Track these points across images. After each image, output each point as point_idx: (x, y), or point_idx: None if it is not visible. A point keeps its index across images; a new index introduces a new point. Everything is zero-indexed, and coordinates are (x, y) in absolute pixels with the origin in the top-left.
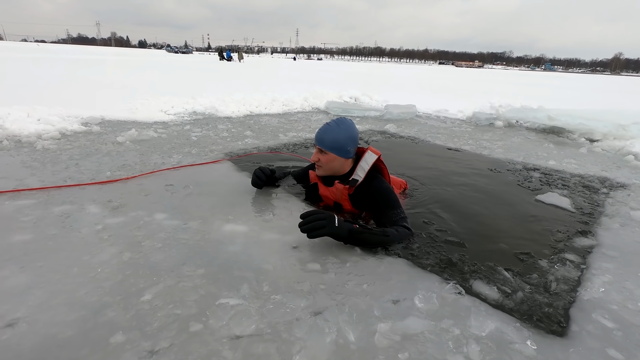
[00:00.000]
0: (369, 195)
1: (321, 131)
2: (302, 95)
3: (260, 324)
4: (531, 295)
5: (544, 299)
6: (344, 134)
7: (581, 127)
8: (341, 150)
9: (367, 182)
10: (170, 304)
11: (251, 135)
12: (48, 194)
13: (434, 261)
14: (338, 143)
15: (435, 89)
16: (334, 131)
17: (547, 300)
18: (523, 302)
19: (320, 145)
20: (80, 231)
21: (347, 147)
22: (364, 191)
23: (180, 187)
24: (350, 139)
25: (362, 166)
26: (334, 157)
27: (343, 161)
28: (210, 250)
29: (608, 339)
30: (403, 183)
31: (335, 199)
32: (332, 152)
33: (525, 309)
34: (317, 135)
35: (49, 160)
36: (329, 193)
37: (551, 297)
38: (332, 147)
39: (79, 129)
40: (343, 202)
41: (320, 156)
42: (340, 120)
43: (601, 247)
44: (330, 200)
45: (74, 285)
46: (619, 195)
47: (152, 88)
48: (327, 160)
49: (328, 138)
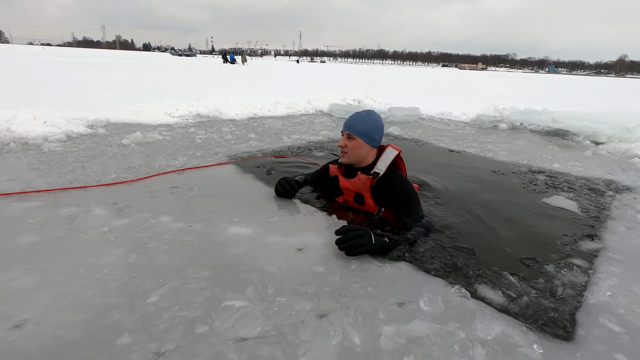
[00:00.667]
0: (390, 191)
1: (351, 118)
2: (305, 97)
3: (265, 326)
4: (537, 299)
5: (549, 303)
6: (373, 123)
7: (586, 130)
8: (369, 137)
9: (388, 176)
10: (176, 305)
11: (255, 138)
12: (54, 196)
13: (439, 264)
14: (367, 130)
15: (438, 92)
16: (363, 119)
17: (553, 304)
18: (529, 306)
19: (349, 130)
20: (86, 233)
21: (374, 135)
22: (384, 185)
23: (185, 189)
24: (378, 128)
25: (384, 160)
26: (361, 144)
27: (369, 150)
28: (215, 253)
29: (615, 343)
30: (416, 187)
31: (356, 190)
32: (361, 138)
33: (531, 313)
34: (347, 121)
35: (55, 163)
36: (350, 184)
37: (557, 301)
38: (361, 133)
39: (84, 131)
40: (364, 193)
41: (347, 142)
42: (370, 111)
43: (607, 251)
44: (350, 192)
45: (81, 287)
46: (625, 198)
47: (156, 91)
48: (354, 146)
49: (358, 124)
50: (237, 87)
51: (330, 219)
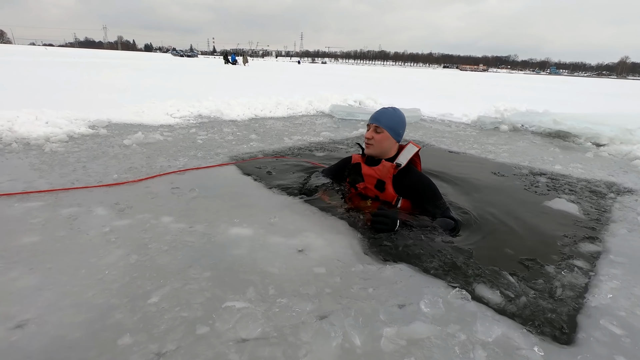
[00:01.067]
0: (412, 184)
1: (379, 112)
2: (306, 98)
3: (266, 328)
4: (538, 302)
5: (550, 305)
6: (398, 118)
7: (587, 132)
8: (395, 131)
9: (408, 170)
10: (177, 306)
11: (256, 139)
12: (56, 196)
13: (440, 266)
14: (394, 124)
15: (439, 93)
16: (390, 113)
17: (554, 306)
18: (529, 308)
19: (377, 123)
20: (87, 233)
21: (399, 130)
22: (404, 178)
23: (186, 190)
24: (403, 124)
25: (405, 154)
26: (387, 136)
27: (393, 143)
28: (216, 253)
29: (616, 346)
30: None
31: (379, 176)
32: (387, 131)
33: (532, 315)
34: (375, 115)
35: (57, 163)
36: (373, 172)
37: (558, 304)
38: (388, 125)
39: (86, 131)
40: (387, 179)
41: (374, 134)
42: (395, 108)
43: (608, 253)
44: (372, 179)
45: (82, 287)
46: (626, 200)
47: (158, 91)
48: (380, 139)
49: (385, 117)
50: (239, 87)
51: (331, 220)
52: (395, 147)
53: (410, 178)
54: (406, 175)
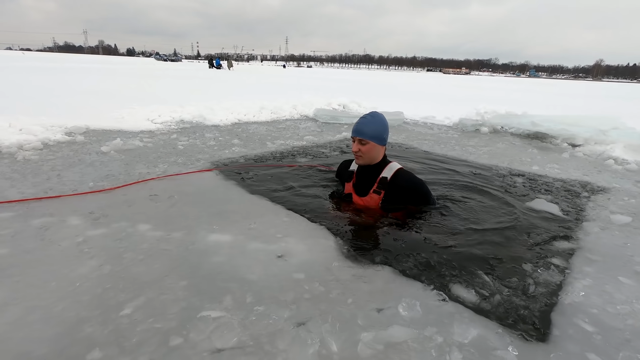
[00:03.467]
0: (403, 188)
1: (360, 123)
2: (290, 102)
3: (242, 337)
4: (513, 301)
5: (525, 304)
6: (380, 124)
7: (564, 133)
8: (379, 138)
9: (396, 178)
10: (151, 317)
11: (239, 144)
12: (28, 206)
13: (419, 268)
14: (376, 132)
15: (422, 96)
16: (371, 122)
17: (528, 305)
18: (504, 308)
19: (361, 136)
20: (59, 244)
21: (383, 135)
22: (395, 186)
23: (165, 197)
24: (385, 127)
25: (391, 167)
26: (373, 146)
27: (379, 148)
28: (194, 261)
29: (588, 343)
30: None
31: (367, 205)
32: (372, 141)
33: (507, 315)
34: (356, 127)
35: (30, 172)
36: (362, 202)
37: (532, 302)
38: (372, 136)
39: (62, 138)
40: (373, 206)
41: (360, 147)
42: (374, 113)
43: (582, 251)
44: (361, 206)
45: (52, 300)
46: (600, 199)
47: (139, 97)
48: (367, 150)
49: (367, 128)
50: (222, 92)
51: (311, 225)
52: (382, 151)
53: (399, 183)
54: (396, 185)
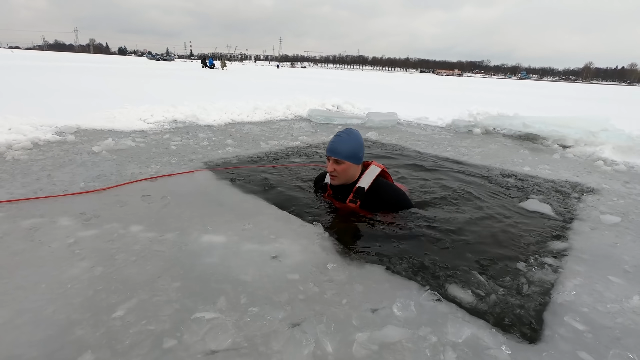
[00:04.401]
0: (382, 200)
1: (334, 143)
2: (284, 103)
3: (236, 338)
4: (505, 300)
5: (517, 303)
6: (355, 142)
7: (554, 134)
8: (355, 157)
9: (375, 189)
10: (143, 319)
11: (232, 144)
12: (17, 207)
13: (413, 268)
14: (351, 151)
15: (416, 97)
16: (346, 141)
17: (521, 304)
18: (497, 307)
19: (336, 156)
20: (50, 245)
21: (359, 154)
22: (374, 197)
23: (157, 197)
24: (360, 146)
25: (369, 175)
26: (349, 165)
27: (356, 167)
28: (187, 263)
29: (579, 342)
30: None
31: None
32: (348, 161)
33: (500, 314)
34: (331, 147)
35: (19, 172)
36: (341, 206)
37: (525, 301)
38: (346, 155)
39: (52, 138)
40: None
41: (336, 166)
42: (349, 131)
43: (573, 251)
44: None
45: (42, 303)
46: (589, 199)
47: (131, 96)
48: (342, 170)
49: (342, 148)
50: (216, 92)
51: (305, 226)
52: (358, 169)
53: (379, 197)
54: (375, 195)
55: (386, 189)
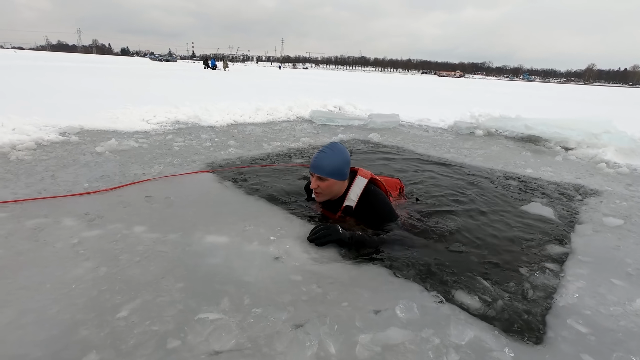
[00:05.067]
0: (369, 210)
1: (317, 159)
2: (286, 104)
3: (240, 339)
4: (508, 303)
5: (520, 306)
6: (339, 158)
7: (556, 136)
8: (339, 174)
9: (363, 201)
10: (147, 320)
11: (235, 145)
12: (21, 207)
13: (416, 270)
14: (335, 168)
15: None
16: (329, 157)
17: (524, 307)
18: (501, 310)
19: (319, 173)
20: (54, 245)
21: (343, 170)
22: (363, 210)
23: (160, 198)
24: (345, 162)
25: (355, 191)
26: (333, 182)
27: (341, 184)
28: (190, 263)
29: (582, 344)
30: (397, 183)
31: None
32: (332, 178)
33: (503, 317)
34: (314, 163)
35: (23, 172)
36: (332, 216)
37: (528, 304)
38: (330, 172)
39: (56, 139)
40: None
41: (319, 183)
42: (333, 145)
43: (575, 254)
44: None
45: (46, 303)
46: (592, 202)
47: (134, 97)
48: (326, 186)
49: (326, 165)
50: (218, 93)
51: (308, 227)
52: (344, 185)
53: (366, 211)
54: (362, 209)
55: (373, 203)
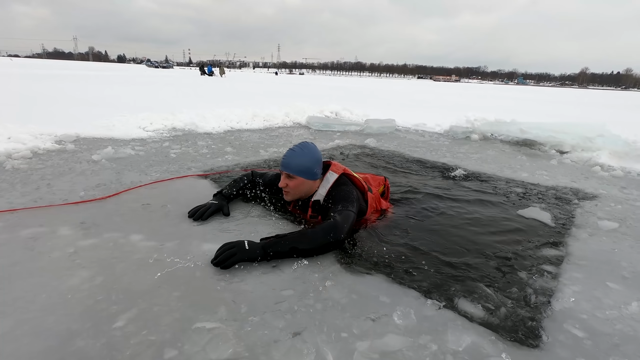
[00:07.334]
0: (331, 201)
1: (287, 157)
2: (283, 110)
3: (237, 348)
4: (505, 308)
5: (517, 311)
6: (308, 157)
7: (551, 140)
8: (308, 173)
9: (331, 192)
10: (144, 329)
11: (231, 152)
12: (16, 216)
13: (413, 276)
14: (304, 166)
15: (414, 103)
16: (298, 156)
17: (521, 311)
18: (497, 315)
19: (287, 170)
20: (50, 255)
21: (313, 170)
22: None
23: (157, 206)
24: (315, 161)
25: (325, 185)
26: (302, 181)
27: (311, 183)
28: (187, 272)
29: (578, 349)
30: (381, 180)
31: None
32: (300, 176)
33: (501, 322)
34: (284, 161)
35: (19, 181)
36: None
37: (525, 309)
38: (300, 170)
39: (52, 147)
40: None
41: (288, 181)
42: (304, 144)
43: (572, 257)
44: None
45: (42, 313)
46: (587, 205)
47: (130, 104)
48: (295, 185)
49: (295, 163)
50: (214, 99)
51: None
52: (315, 184)
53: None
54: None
55: (335, 192)
